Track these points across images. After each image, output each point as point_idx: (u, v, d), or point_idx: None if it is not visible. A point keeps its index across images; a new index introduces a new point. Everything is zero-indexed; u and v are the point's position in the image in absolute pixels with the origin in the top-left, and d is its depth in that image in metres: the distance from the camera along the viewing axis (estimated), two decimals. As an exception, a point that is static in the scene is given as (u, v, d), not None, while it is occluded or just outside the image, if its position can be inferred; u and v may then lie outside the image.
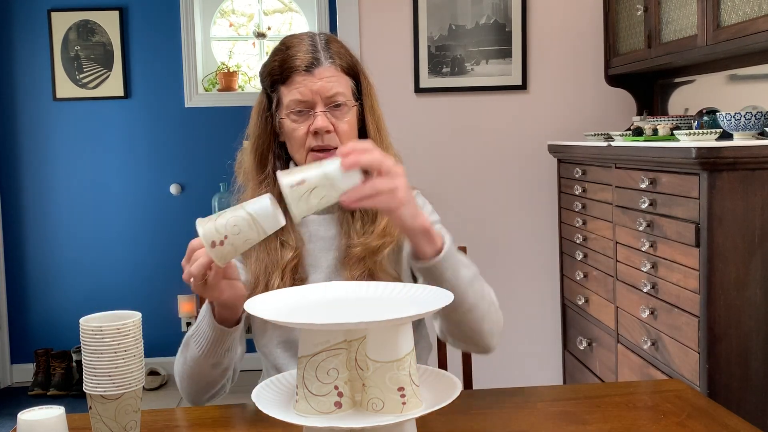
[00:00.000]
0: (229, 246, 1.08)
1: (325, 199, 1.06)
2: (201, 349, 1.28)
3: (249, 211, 1.08)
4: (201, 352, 1.28)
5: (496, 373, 3.28)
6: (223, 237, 1.07)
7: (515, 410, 1.25)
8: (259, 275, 1.39)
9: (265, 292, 1.10)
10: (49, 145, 4.32)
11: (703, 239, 1.90)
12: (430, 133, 3.26)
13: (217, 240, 1.07)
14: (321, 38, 1.42)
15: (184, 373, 1.34)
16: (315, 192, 1.05)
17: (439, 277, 1.20)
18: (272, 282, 1.37)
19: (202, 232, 1.08)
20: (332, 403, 0.95)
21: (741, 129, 2.09)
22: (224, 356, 1.30)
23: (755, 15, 2.01)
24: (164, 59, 4.33)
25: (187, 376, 1.34)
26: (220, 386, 1.37)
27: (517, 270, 3.31)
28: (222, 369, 1.33)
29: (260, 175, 1.45)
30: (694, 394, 1.30)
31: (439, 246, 1.20)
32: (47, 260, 4.35)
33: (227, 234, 1.07)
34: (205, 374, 1.32)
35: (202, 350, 1.28)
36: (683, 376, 2.03)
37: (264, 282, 1.38)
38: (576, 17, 3.27)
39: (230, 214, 1.08)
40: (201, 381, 1.34)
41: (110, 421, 1.03)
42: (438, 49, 3.23)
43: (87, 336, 1.02)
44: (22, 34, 4.26)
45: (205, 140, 4.34)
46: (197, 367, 1.31)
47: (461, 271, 1.23)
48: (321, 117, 1.37)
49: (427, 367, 1.08)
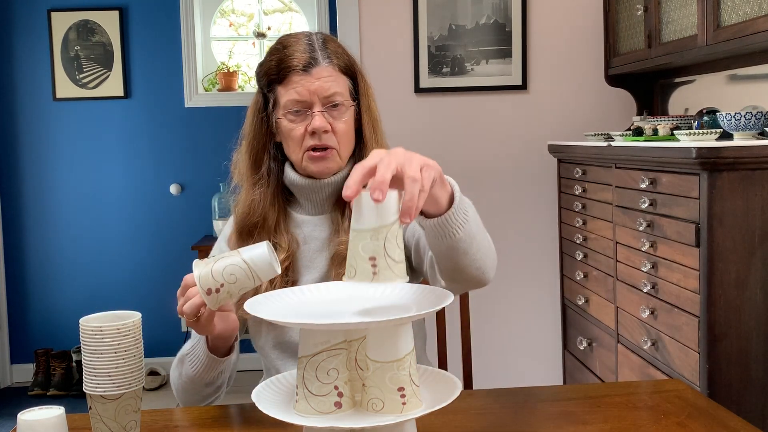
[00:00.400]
0: (225, 293, 1.09)
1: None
2: (195, 370, 1.30)
3: (245, 258, 1.08)
4: (195, 373, 1.30)
5: (496, 373, 3.28)
6: (219, 285, 1.08)
7: (515, 410, 1.25)
8: None
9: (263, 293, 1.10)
10: (49, 145, 4.32)
11: (703, 239, 1.90)
12: (430, 133, 3.26)
13: (213, 287, 1.08)
14: (318, 38, 1.41)
15: (180, 387, 1.37)
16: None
17: (453, 225, 1.08)
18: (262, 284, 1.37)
19: (199, 277, 1.08)
20: (332, 403, 0.95)
21: (741, 129, 2.09)
22: (218, 378, 1.33)
23: (755, 15, 2.01)
24: (164, 59, 4.33)
25: (182, 389, 1.36)
26: (215, 397, 1.40)
27: (517, 270, 3.31)
28: (216, 386, 1.36)
29: (255, 176, 1.44)
30: (695, 394, 1.30)
31: (450, 191, 1.08)
32: (47, 260, 4.35)
33: (223, 282, 1.08)
34: (200, 390, 1.34)
35: (197, 371, 1.30)
36: (683, 376, 2.03)
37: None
38: (576, 17, 3.27)
39: (227, 261, 1.08)
40: (196, 395, 1.36)
41: (110, 421, 1.03)
42: (438, 49, 3.23)
43: (87, 336, 1.02)
44: (22, 34, 4.26)
45: (205, 140, 4.34)
46: (191, 385, 1.33)
47: (469, 211, 1.12)
48: (319, 117, 1.36)
49: (427, 367, 1.08)
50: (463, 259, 1.13)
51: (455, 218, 1.08)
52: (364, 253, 0.91)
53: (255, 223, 1.42)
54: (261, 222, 1.42)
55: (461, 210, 1.08)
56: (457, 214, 1.07)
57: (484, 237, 1.16)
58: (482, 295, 3.19)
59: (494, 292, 3.26)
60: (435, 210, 1.06)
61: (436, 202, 1.05)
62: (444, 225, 1.07)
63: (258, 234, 1.42)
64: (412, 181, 0.92)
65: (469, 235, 1.11)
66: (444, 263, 1.15)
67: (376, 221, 0.91)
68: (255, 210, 1.42)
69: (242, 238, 1.43)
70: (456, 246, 1.10)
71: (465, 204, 1.10)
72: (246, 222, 1.43)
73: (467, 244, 1.11)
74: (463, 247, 1.11)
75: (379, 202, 0.90)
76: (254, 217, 1.42)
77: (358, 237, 0.92)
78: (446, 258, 1.13)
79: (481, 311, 3.22)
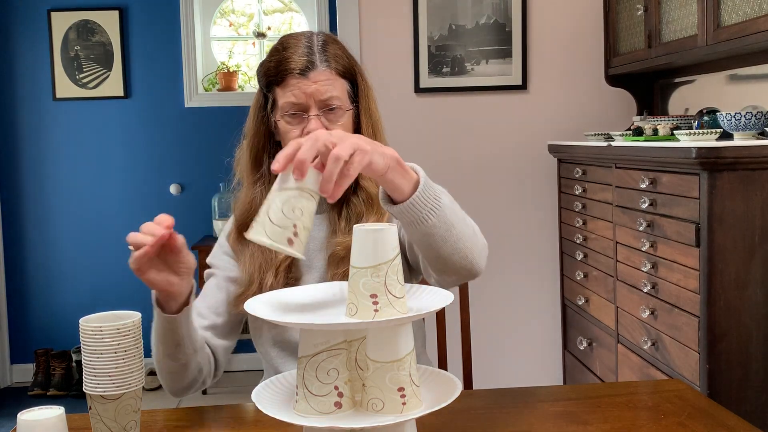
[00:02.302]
0: (303, 230, 0.97)
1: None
2: (155, 333, 1.25)
3: (289, 186, 0.97)
4: (155, 337, 1.26)
5: (496, 373, 3.28)
6: (293, 227, 0.97)
7: (515, 410, 1.25)
8: (253, 274, 1.39)
9: (262, 293, 1.10)
10: (49, 145, 4.32)
11: (703, 239, 1.90)
12: (430, 133, 3.26)
13: (291, 234, 0.96)
14: (318, 39, 1.41)
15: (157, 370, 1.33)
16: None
17: (422, 211, 1.08)
18: (266, 281, 1.37)
19: (270, 237, 0.95)
20: (332, 404, 0.95)
21: (741, 129, 2.09)
22: (176, 349, 1.26)
23: (755, 15, 2.01)
24: (164, 59, 4.33)
25: (158, 371, 1.33)
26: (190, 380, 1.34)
27: (517, 270, 3.31)
28: (180, 363, 1.29)
29: (255, 174, 1.46)
30: (695, 394, 1.30)
31: (415, 177, 1.08)
32: (47, 260, 4.35)
33: (294, 222, 0.97)
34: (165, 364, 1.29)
35: (156, 335, 1.25)
36: (683, 376, 2.03)
37: (258, 280, 1.38)
38: (576, 17, 3.27)
39: (277, 205, 0.97)
40: (163, 370, 1.31)
41: (110, 421, 1.03)
42: (438, 49, 3.23)
43: (87, 336, 1.02)
44: (22, 34, 4.26)
45: (205, 140, 4.34)
46: (156, 354, 1.28)
47: (442, 198, 1.11)
48: (314, 121, 1.37)
49: (427, 367, 1.08)
50: (443, 247, 1.13)
51: (423, 203, 1.08)
52: (365, 291, 0.92)
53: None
54: None
55: (430, 196, 1.09)
56: (425, 199, 1.08)
57: (465, 225, 1.16)
58: (482, 295, 3.19)
59: (494, 292, 3.27)
60: (398, 197, 1.07)
61: (396, 189, 1.06)
62: (410, 211, 1.08)
63: None
64: (334, 160, 0.96)
65: (445, 222, 1.11)
66: (425, 252, 1.16)
67: (375, 258, 0.92)
68: (256, 207, 1.42)
69: (242, 234, 1.43)
70: (431, 233, 1.11)
71: (435, 190, 1.10)
72: (247, 219, 1.43)
73: (445, 231, 1.11)
74: (441, 233, 1.11)
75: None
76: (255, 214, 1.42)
77: (359, 274, 0.92)
78: (426, 247, 1.14)
79: (481, 311, 3.22)
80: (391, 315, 0.93)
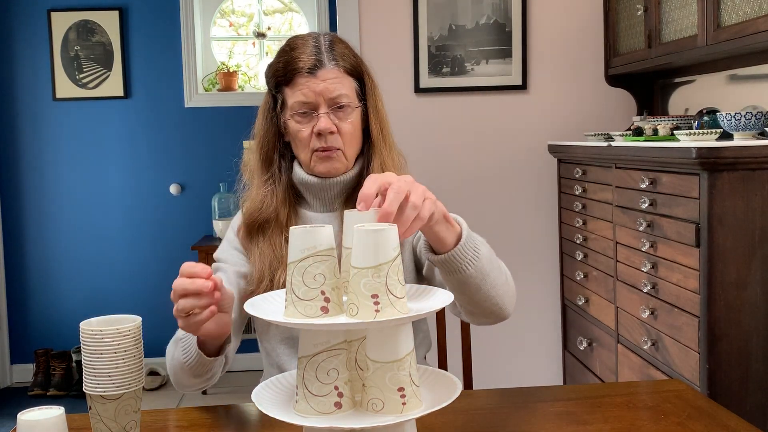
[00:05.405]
0: (332, 292, 0.96)
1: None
2: (186, 360, 1.25)
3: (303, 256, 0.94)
4: (186, 362, 1.26)
5: (496, 373, 3.28)
6: (321, 294, 0.95)
7: (515, 410, 1.25)
8: (263, 270, 1.40)
9: (266, 292, 1.10)
10: (49, 145, 4.32)
11: (703, 239, 1.90)
12: (430, 133, 3.26)
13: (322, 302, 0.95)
14: (325, 39, 1.43)
15: (171, 369, 1.33)
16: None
17: (462, 262, 1.14)
18: (277, 277, 1.38)
19: (303, 313, 0.95)
20: (332, 404, 0.95)
21: (741, 129, 2.09)
22: (206, 372, 1.28)
23: (755, 15, 2.01)
24: (164, 59, 4.33)
25: (173, 372, 1.33)
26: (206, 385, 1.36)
27: (517, 270, 3.29)
28: (206, 378, 1.31)
29: (265, 174, 1.47)
30: (695, 394, 1.30)
31: (459, 230, 1.15)
32: (47, 260, 4.35)
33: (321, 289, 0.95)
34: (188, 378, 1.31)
35: (187, 362, 1.25)
36: (683, 377, 2.03)
37: (269, 277, 1.39)
38: (576, 17, 3.27)
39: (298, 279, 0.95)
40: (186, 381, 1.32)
41: (110, 421, 1.03)
42: (438, 49, 3.23)
43: (87, 336, 1.02)
44: (22, 34, 4.26)
45: (205, 140, 4.34)
46: (181, 371, 1.29)
47: (481, 249, 1.17)
48: (324, 119, 1.38)
49: (427, 367, 1.08)
50: (476, 294, 1.19)
51: (464, 254, 1.14)
52: (366, 291, 0.92)
53: (267, 218, 1.44)
54: (274, 217, 1.44)
55: (470, 247, 1.15)
56: (465, 250, 1.14)
57: (499, 274, 1.22)
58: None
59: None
60: (440, 247, 1.14)
61: (440, 240, 1.12)
62: (452, 261, 1.14)
63: (270, 229, 1.43)
64: (413, 208, 1.00)
65: (481, 272, 1.17)
66: (459, 297, 1.21)
67: (376, 258, 0.92)
68: (268, 205, 1.44)
69: (253, 232, 1.45)
70: (467, 281, 1.17)
71: (475, 241, 1.17)
72: (257, 217, 1.44)
73: (479, 280, 1.17)
74: (476, 282, 1.17)
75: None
76: (266, 212, 1.44)
77: (360, 274, 0.92)
78: (460, 292, 1.19)
79: (481, 311, 3.21)
80: (392, 315, 0.93)
